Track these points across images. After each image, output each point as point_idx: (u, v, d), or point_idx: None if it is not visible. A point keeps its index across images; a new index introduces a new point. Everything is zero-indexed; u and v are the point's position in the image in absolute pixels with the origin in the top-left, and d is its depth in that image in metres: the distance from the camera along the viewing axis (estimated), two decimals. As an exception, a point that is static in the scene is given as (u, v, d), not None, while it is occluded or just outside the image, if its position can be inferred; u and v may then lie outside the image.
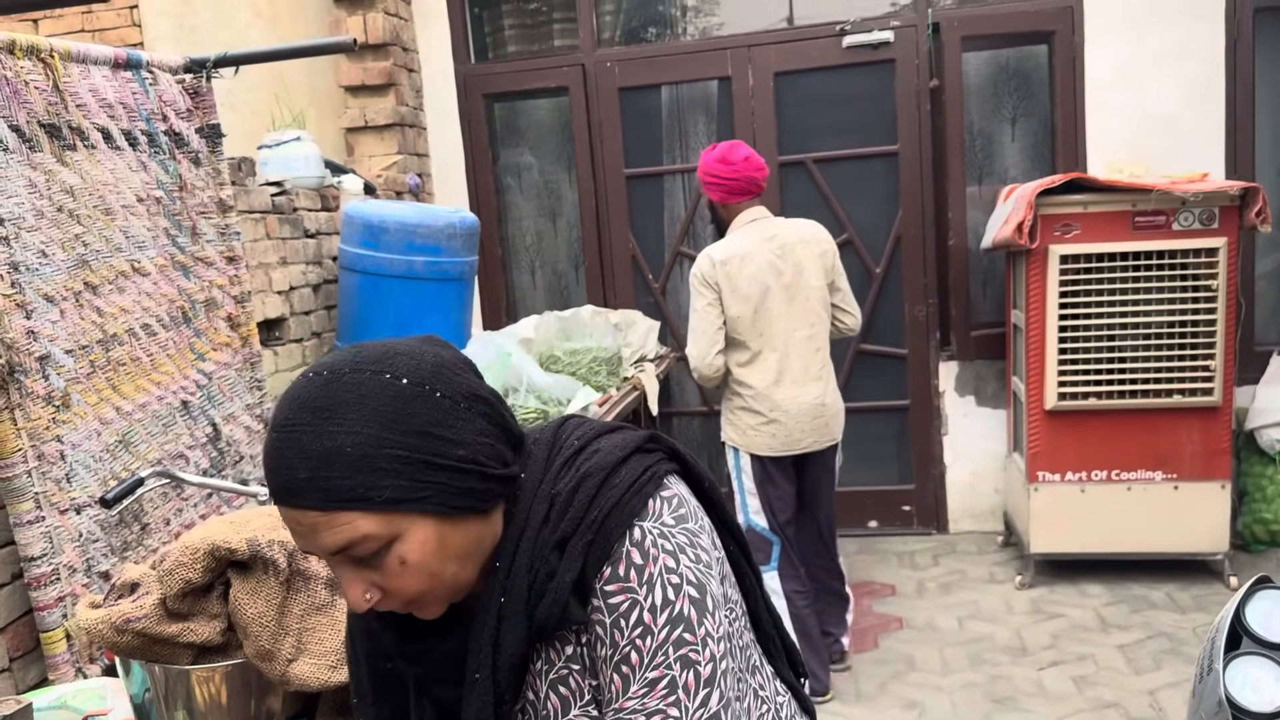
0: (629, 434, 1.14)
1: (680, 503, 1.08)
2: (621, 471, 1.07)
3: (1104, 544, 4.30)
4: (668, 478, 1.10)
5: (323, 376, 1.00)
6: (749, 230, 3.53)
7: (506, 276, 5.44)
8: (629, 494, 1.05)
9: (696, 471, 1.16)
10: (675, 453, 1.15)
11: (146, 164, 2.95)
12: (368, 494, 0.96)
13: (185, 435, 3.06)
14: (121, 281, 2.82)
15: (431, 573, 1.03)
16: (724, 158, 3.49)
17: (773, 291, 3.47)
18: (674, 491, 1.09)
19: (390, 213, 3.84)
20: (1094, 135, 4.71)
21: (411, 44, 5.16)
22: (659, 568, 1.02)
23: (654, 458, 1.11)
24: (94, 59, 2.77)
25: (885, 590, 4.48)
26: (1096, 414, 4.21)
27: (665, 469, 1.11)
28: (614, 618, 1.02)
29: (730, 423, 3.63)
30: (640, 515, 1.04)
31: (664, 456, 1.13)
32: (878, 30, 4.81)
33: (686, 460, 1.16)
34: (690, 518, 1.08)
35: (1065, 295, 4.14)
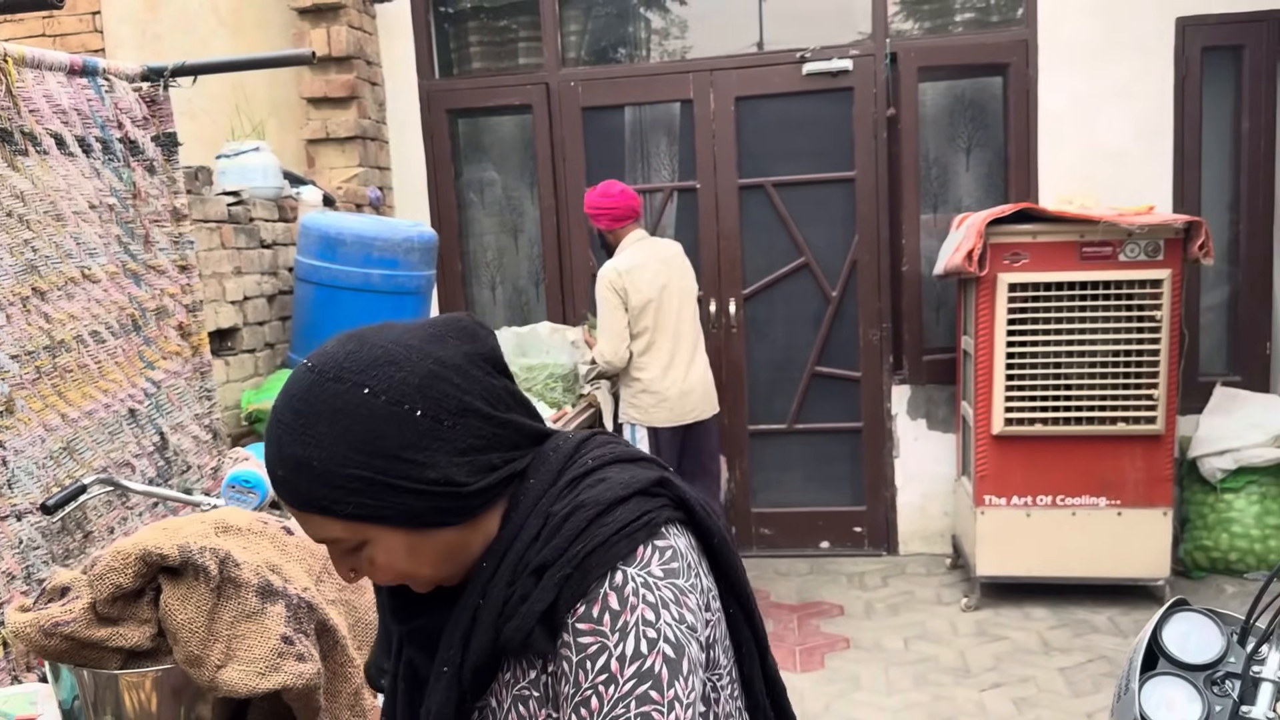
0: (640, 472, 1.08)
1: (675, 555, 1.03)
2: (617, 510, 1.02)
3: (1048, 568, 4.36)
4: (667, 527, 1.05)
5: (312, 374, 0.99)
6: (638, 247, 4.22)
7: (466, 291, 5.45)
8: (618, 535, 1.00)
9: (706, 526, 1.09)
10: (683, 502, 1.08)
11: (100, 171, 2.94)
12: (332, 506, 0.98)
13: (132, 444, 3.04)
14: (71, 288, 2.81)
15: (402, 573, 1.04)
16: (604, 193, 4.21)
17: (664, 293, 4.19)
18: (670, 543, 1.03)
19: (348, 225, 3.85)
20: (1046, 166, 4.82)
21: (375, 58, 5.18)
22: (636, 617, 0.97)
23: (656, 503, 1.05)
24: (49, 65, 2.76)
25: (834, 610, 4.52)
26: (1043, 440, 4.28)
27: (665, 517, 1.05)
28: (580, 658, 0.97)
29: (632, 404, 4.26)
30: (627, 560, 1.00)
31: (668, 504, 1.06)
32: (837, 58, 4.89)
33: (695, 512, 1.08)
34: (682, 573, 1.02)
35: (1013, 323, 4.22)
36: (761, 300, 5.15)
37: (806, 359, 5.14)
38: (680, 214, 5.21)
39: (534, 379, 4.17)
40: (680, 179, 5.17)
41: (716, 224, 5.08)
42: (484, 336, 1.06)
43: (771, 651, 1.21)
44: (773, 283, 5.12)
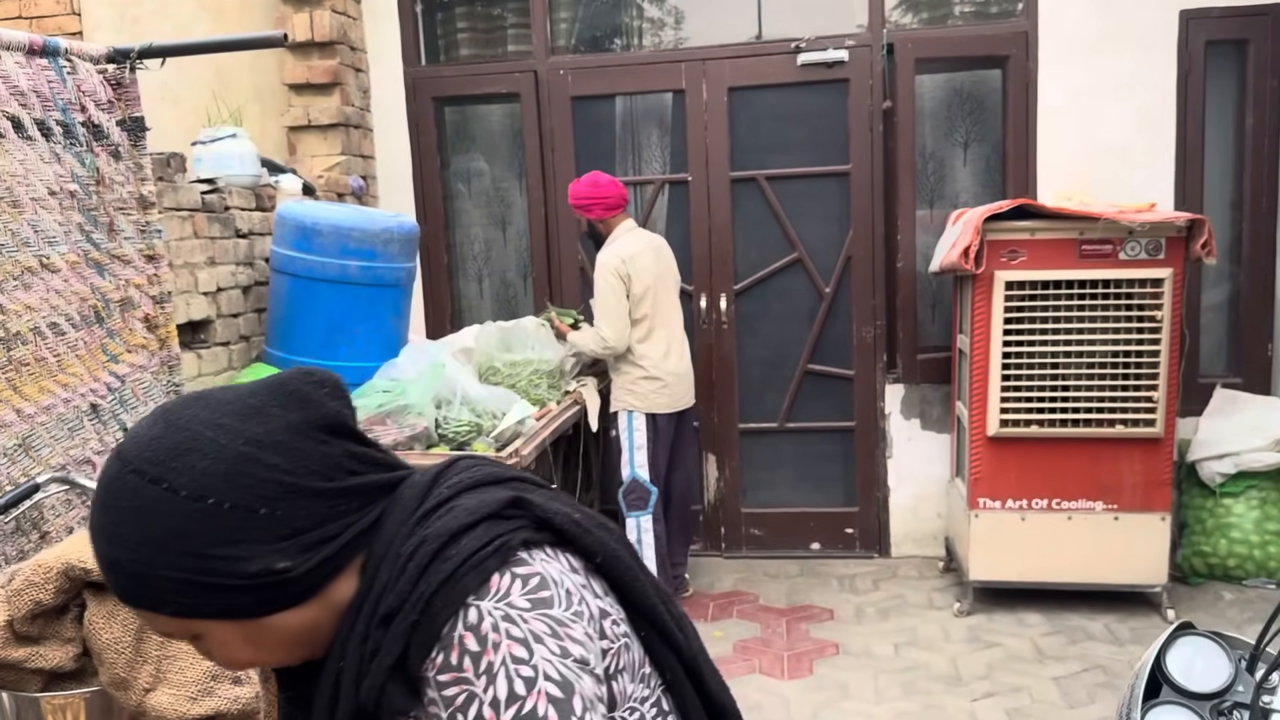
0: (493, 494, 0.98)
1: (544, 583, 0.92)
2: (462, 541, 0.92)
3: (1043, 573, 4.26)
4: (525, 551, 0.95)
5: (118, 464, 0.91)
6: (632, 235, 4.31)
7: (452, 284, 5.33)
8: (465, 567, 0.90)
9: (585, 545, 0.99)
10: (547, 522, 0.98)
11: (61, 156, 2.82)
12: (152, 605, 0.92)
13: (94, 440, 2.93)
14: (28, 278, 2.69)
15: (246, 662, 0.96)
16: (594, 182, 4.27)
17: (659, 281, 4.30)
18: (533, 569, 0.93)
19: (324, 215, 3.73)
20: (1045, 162, 4.70)
21: (360, 43, 5.05)
22: (501, 657, 0.87)
23: (509, 525, 0.95)
24: (7, 44, 2.64)
25: (824, 615, 4.41)
26: (1039, 442, 4.18)
27: (522, 539, 0.95)
28: (450, 712, 0.88)
29: (630, 391, 4.31)
30: (478, 593, 0.90)
31: (526, 525, 0.96)
32: (833, 49, 4.77)
33: (567, 532, 0.98)
34: (556, 601, 0.92)
35: (1010, 321, 4.11)
36: (753, 296, 5.04)
37: (798, 356, 5.03)
38: (671, 207, 5.09)
39: (518, 375, 4.06)
40: (671, 171, 5.05)
41: (708, 218, 4.96)
42: (318, 399, 0.96)
43: (717, 672, 1.11)
44: (765, 278, 5.00)
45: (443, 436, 3.51)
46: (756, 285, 5.02)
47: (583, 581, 0.97)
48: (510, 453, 3.40)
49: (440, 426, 3.51)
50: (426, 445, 3.47)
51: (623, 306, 4.18)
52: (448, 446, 3.50)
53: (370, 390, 3.54)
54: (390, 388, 3.54)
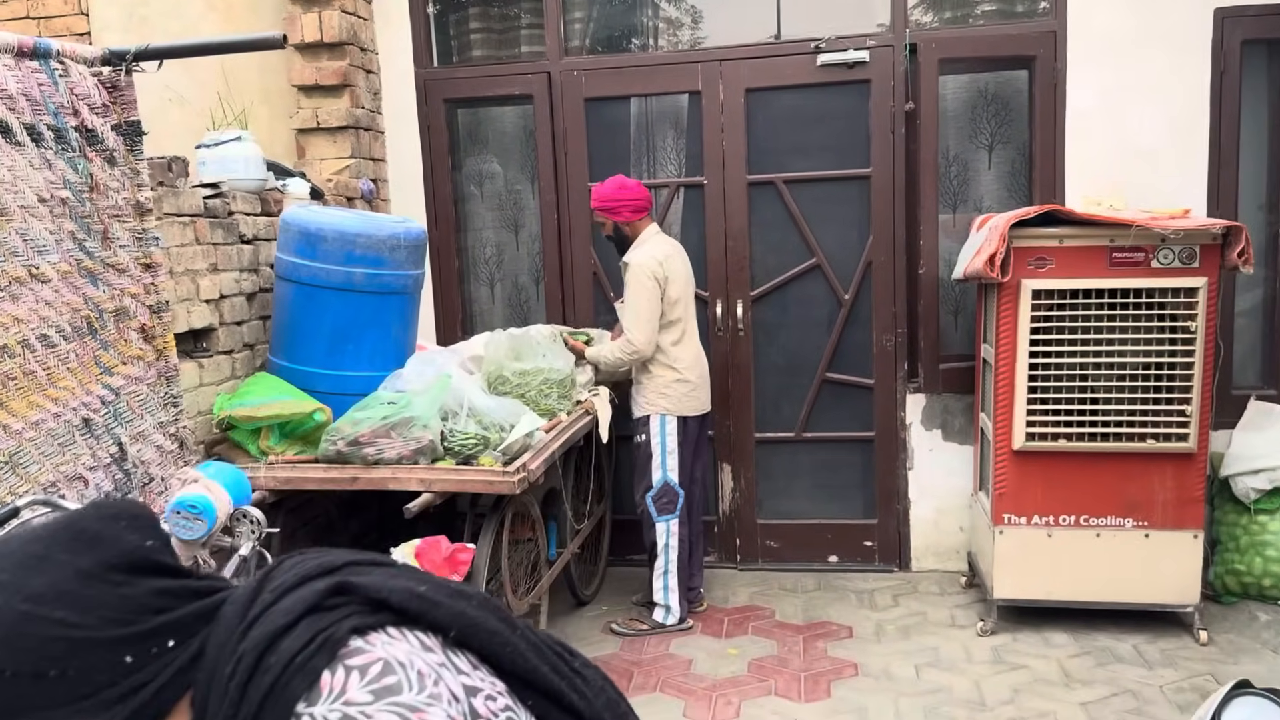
0: (309, 590, 0.87)
1: (386, 668, 0.82)
2: (281, 645, 0.82)
3: (1070, 592, 4.12)
4: (357, 639, 0.85)
5: None
6: (659, 238, 4.29)
7: (464, 289, 5.23)
8: (287, 674, 0.80)
9: (433, 619, 0.89)
10: (382, 602, 0.87)
11: (52, 161, 2.73)
12: None
13: (86, 455, 2.84)
14: (16, 288, 2.60)
15: None
16: (621, 185, 4.22)
17: (687, 285, 4.31)
18: (373, 655, 0.83)
19: (329, 220, 3.63)
20: (1073, 165, 4.55)
21: (370, 44, 4.95)
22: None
23: (333, 616, 0.85)
24: (-6, 46, 2.55)
25: (842, 632, 4.28)
26: (1066, 456, 4.03)
27: (351, 627, 0.85)
28: None
29: (663, 394, 4.26)
30: (309, 698, 0.80)
31: (355, 611, 0.86)
32: (854, 49, 4.64)
33: (406, 609, 0.88)
34: (405, 686, 0.82)
35: (1037, 332, 3.96)
36: (770, 302, 4.91)
37: (817, 364, 4.90)
38: (686, 211, 4.97)
39: (528, 384, 3.94)
40: (687, 174, 4.93)
41: (724, 222, 4.83)
42: (113, 536, 0.85)
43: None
44: (782, 284, 4.87)
45: (449, 449, 3.41)
46: (774, 291, 4.89)
47: (440, 660, 0.87)
48: (518, 466, 3.29)
49: (446, 439, 3.41)
50: (432, 459, 3.37)
51: (656, 310, 4.14)
52: (454, 460, 3.40)
53: (375, 402, 3.44)
54: (395, 399, 3.43)
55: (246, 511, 2.28)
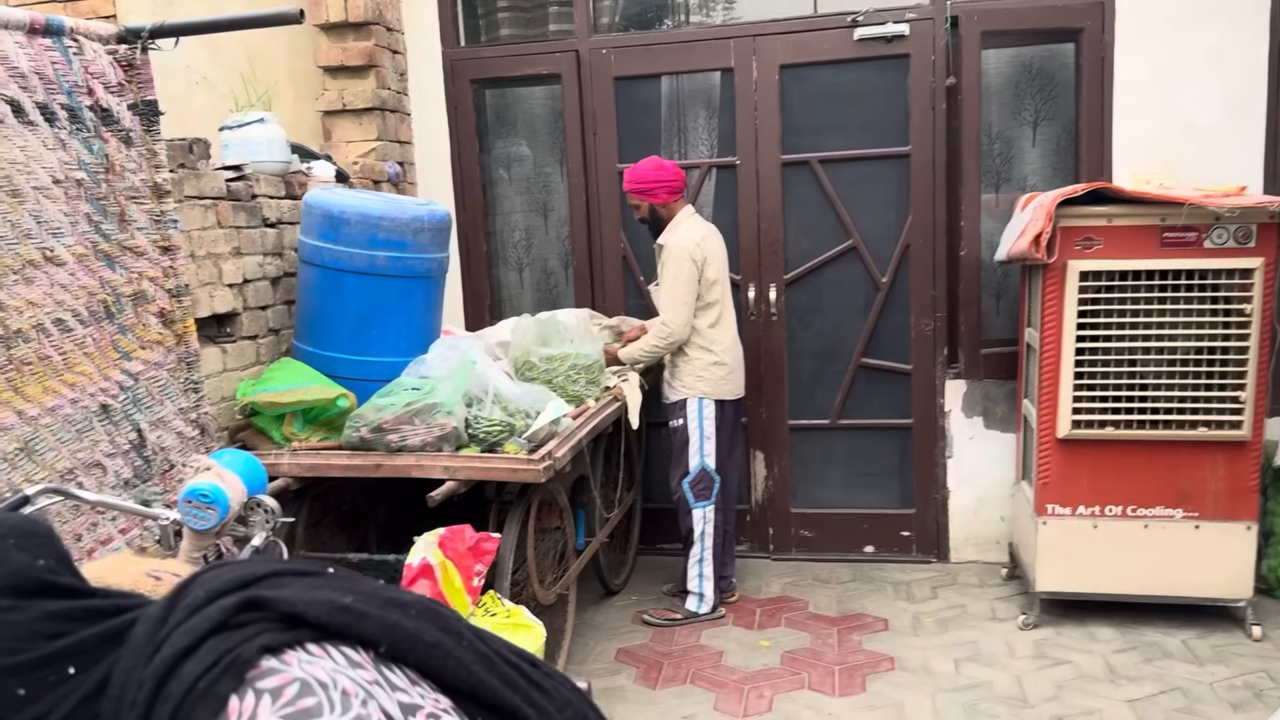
0: (216, 607, 0.78)
1: (304, 689, 0.74)
2: (183, 670, 0.74)
3: (1117, 585, 3.97)
4: (270, 658, 0.76)
5: None
6: (694, 219, 4.22)
7: (492, 273, 5.15)
8: (189, 702, 0.72)
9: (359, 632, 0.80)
10: (298, 617, 0.79)
11: (66, 142, 2.67)
12: None
13: (104, 442, 2.78)
14: (30, 271, 2.55)
15: None
16: (658, 165, 4.15)
17: (724, 266, 4.24)
18: (288, 676, 0.75)
19: (352, 203, 3.55)
20: (1121, 142, 4.38)
21: (396, 24, 4.87)
22: None
23: (242, 635, 0.76)
24: (5, 23, 2.49)
25: (877, 624, 4.17)
26: (1113, 444, 3.89)
27: (259, 646, 0.76)
28: None
29: (700, 378, 4.18)
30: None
31: (268, 628, 0.78)
32: (892, 22, 4.49)
33: (327, 623, 0.80)
34: (326, 708, 0.74)
35: (1084, 315, 3.81)
36: (805, 286, 4.78)
37: (852, 350, 4.77)
38: (719, 192, 4.85)
39: (555, 370, 3.85)
40: (719, 155, 4.80)
41: (757, 203, 4.71)
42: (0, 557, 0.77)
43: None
44: (817, 267, 4.74)
45: (473, 437, 3.33)
46: (808, 275, 4.76)
47: (371, 677, 0.77)
48: (543, 454, 3.20)
49: (471, 426, 3.33)
50: (456, 446, 3.29)
51: (693, 293, 4.08)
52: (478, 447, 3.32)
53: (398, 388, 3.36)
54: (419, 385, 3.36)
55: (261, 500, 2.21)
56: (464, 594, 3.05)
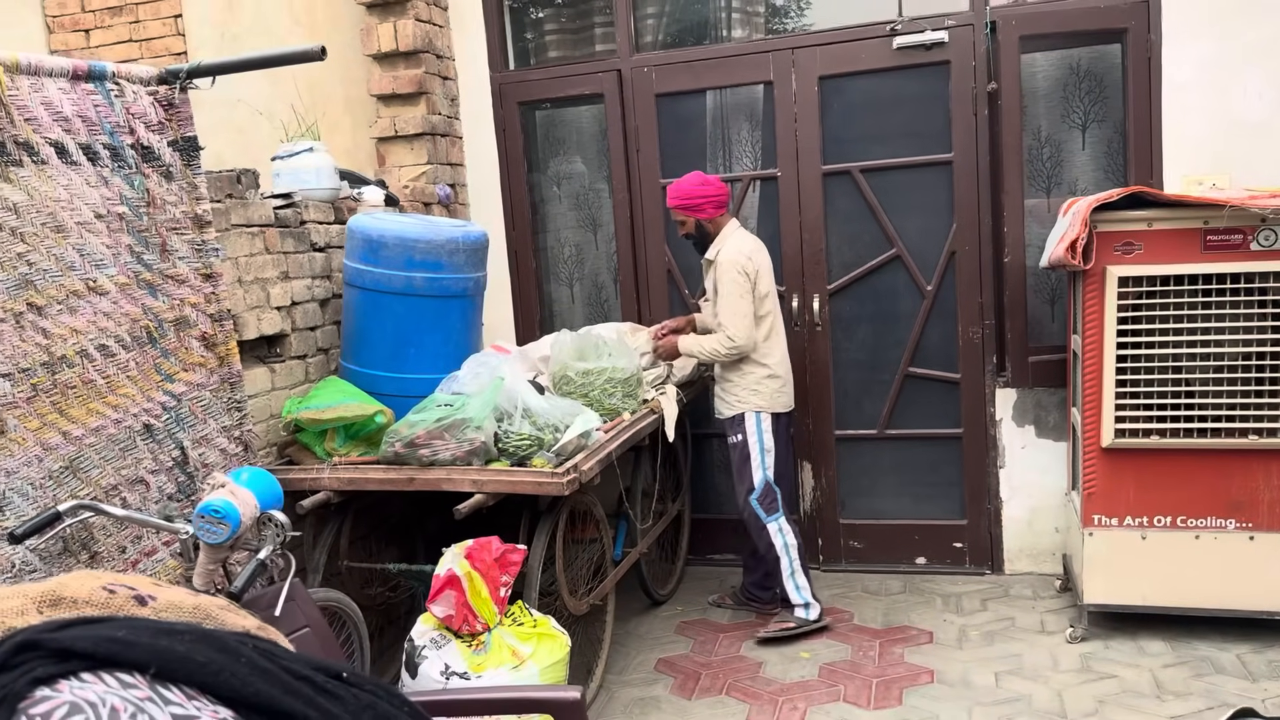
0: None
1: (73, 710, 0.81)
2: None
3: (1167, 597, 3.86)
4: (43, 688, 0.83)
5: None
6: (741, 233, 4.22)
7: (542, 289, 5.26)
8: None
9: (130, 658, 0.88)
10: (67, 650, 0.86)
11: (109, 179, 2.85)
12: None
13: (147, 459, 2.96)
14: (73, 301, 2.73)
15: None
16: (703, 180, 4.14)
17: (773, 279, 4.25)
18: (59, 701, 0.81)
19: (390, 227, 3.69)
20: (1171, 143, 4.27)
21: (447, 51, 5.03)
22: None
23: (15, 674, 0.83)
24: (48, 71, 2.68)
25: (922, 637, 4.13)
26: (1160, 453, 3.79)
27: (33, 678, 0.83)
28: None
29: (755, 391, 4.17)
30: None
31: (40, 663, 0.85)
32: (931, 30, 4.46)
33: (95, 653, 0.87)
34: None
35: (1125, 321, 3.73)
36: (848, 296, 4.77)
37: (898, 359, 4.74)
38: (762, 204, 4.87)
39: (591, 384, 3.93)
40: (762, 166, 4.83)
41: (799, 214, 4.72)
42: None
43: None
44: (861, 276, 4.73)
45: (503, 450, 3.43)
46: (852, 284, 4.75)
47: (145, 694, 0.86)
48: (568, 468, 3.28)
49: (500, 441, 3.43)
50: (485, 460, 3.39)
51: (748, 304, 4.06)
52: (508, 461, 3.42)
53: (431, 404, 3.48)
54: (451, 402, 3.47)
55: (272, 516, 2.34)
56: (490, 603, 3.15)
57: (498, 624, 3.17)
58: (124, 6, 5.34)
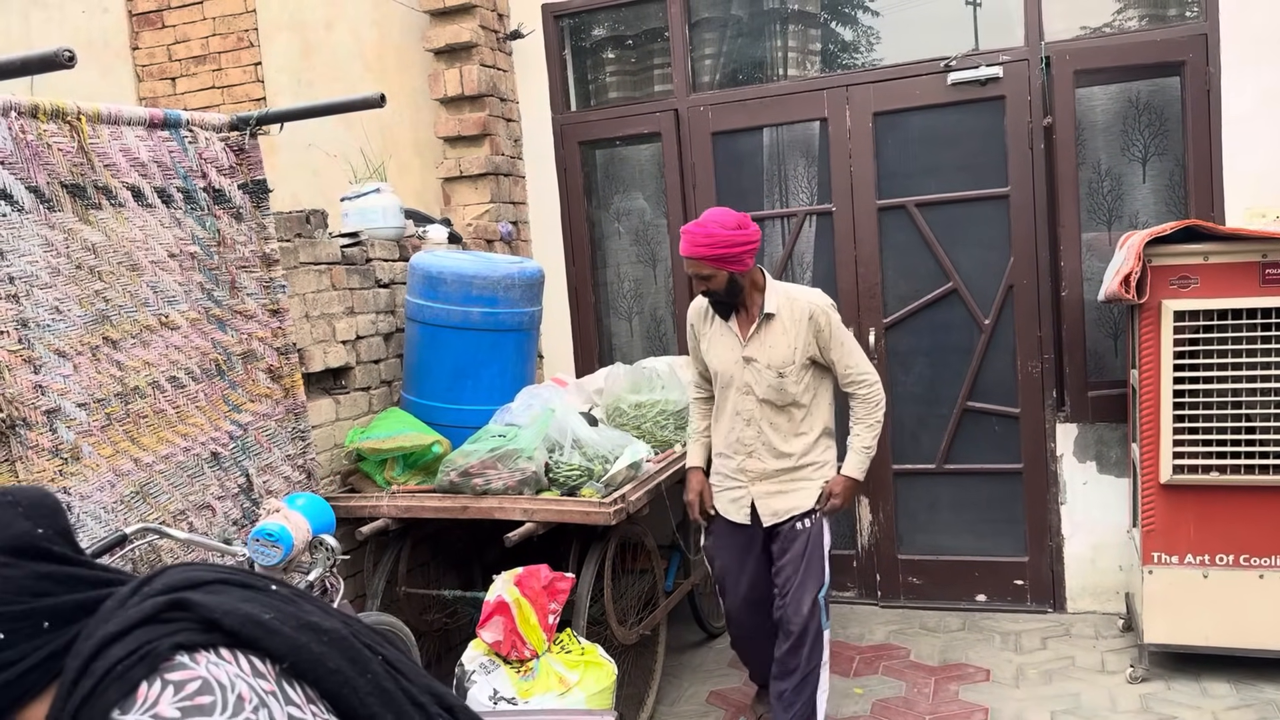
0: (151, 602, 0.92)
1: (205, 688, 0.86)
2: (110, 651, 0.87)
3: (1230, 638, 3.77)
4: (191, 655, 0.88)
5: None
6: (783, 283, 3.53)
7: (602, 323, 5.36)
8: (106, 681, 0.85)
9: (267, 646, 0.93)
10: (214, 623, 0.91)
11: (181, 220, 3.03)
12: None
13: (214, 486, 3.11)
14: (146, 335, 2.90)
15: None
16: (741, 223, 3.26)
17: None
18: (194, 673, 0.87)
19: (449, 264, 3.83)
20: (1233, 175, 4.21)
21: (510, 94, 5.19)
22: None
23: (163, 630, 0.89)
24: (127, 119, 2.87)
25: (978, 675, 4.08)
26: (1221, 490, 3.71)
27: (174, 643, 0.89)
28: None
29: (829, 464, 3.47)
30: (123, 706, 0.84)
31: (187, 628, 0.90)
32: (985, 65, 4.48)
33: (238, 633, 0.92)
34: (218, 708, 0.85)
35: (1182, 355, 3.68)
36: (905, 329, 4.77)
37: (957, 394, 4.72)
38: (817, 239, 4.92)
39: (644, 416, 4.01)
40: (817, 202, 4.88)
41: (854, 249, 4.75)
42: (4, 521, 0.93)
43: None
44: (917, 310, 4.73)
45: (553, 480, 3.51)
46: (909, 318, 4.75)
47: (270, 688, 0.90)
48: (615, 498, 3.35)
49: (551, 471, 3.52)
50: (535, 489, 3.48)
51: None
52: (558, 490, 3.50)
53: (485, 435, 3.59)
54: (504, 432, 3.57)
55: (323, 540, 2.45)
56: (539, 630, 3.22)
57: (545, 651, 3.24)
58: (208, 55, 5.63)
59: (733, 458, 3.47)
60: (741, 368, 3.38)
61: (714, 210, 3.36)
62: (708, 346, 3.50)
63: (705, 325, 3.52)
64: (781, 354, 3.34)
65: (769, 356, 3.35)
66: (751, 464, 3.42)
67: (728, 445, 3.49)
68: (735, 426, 3.44)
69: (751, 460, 3.42)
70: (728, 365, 3.41)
